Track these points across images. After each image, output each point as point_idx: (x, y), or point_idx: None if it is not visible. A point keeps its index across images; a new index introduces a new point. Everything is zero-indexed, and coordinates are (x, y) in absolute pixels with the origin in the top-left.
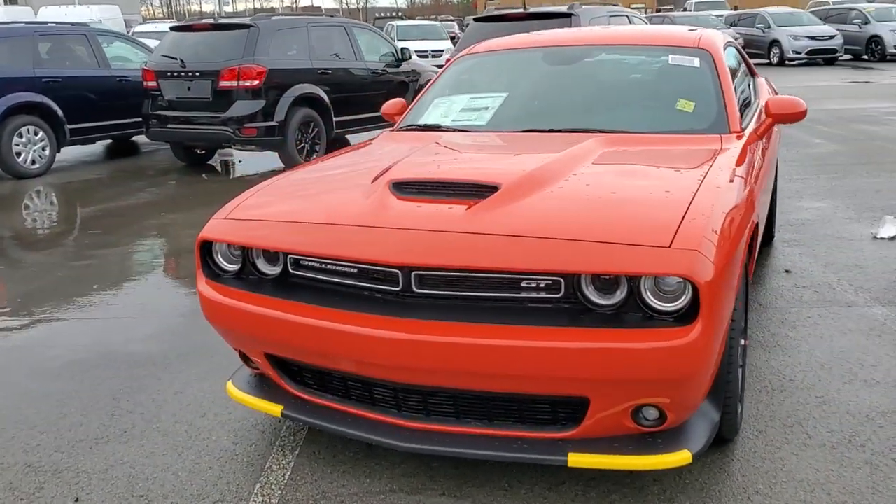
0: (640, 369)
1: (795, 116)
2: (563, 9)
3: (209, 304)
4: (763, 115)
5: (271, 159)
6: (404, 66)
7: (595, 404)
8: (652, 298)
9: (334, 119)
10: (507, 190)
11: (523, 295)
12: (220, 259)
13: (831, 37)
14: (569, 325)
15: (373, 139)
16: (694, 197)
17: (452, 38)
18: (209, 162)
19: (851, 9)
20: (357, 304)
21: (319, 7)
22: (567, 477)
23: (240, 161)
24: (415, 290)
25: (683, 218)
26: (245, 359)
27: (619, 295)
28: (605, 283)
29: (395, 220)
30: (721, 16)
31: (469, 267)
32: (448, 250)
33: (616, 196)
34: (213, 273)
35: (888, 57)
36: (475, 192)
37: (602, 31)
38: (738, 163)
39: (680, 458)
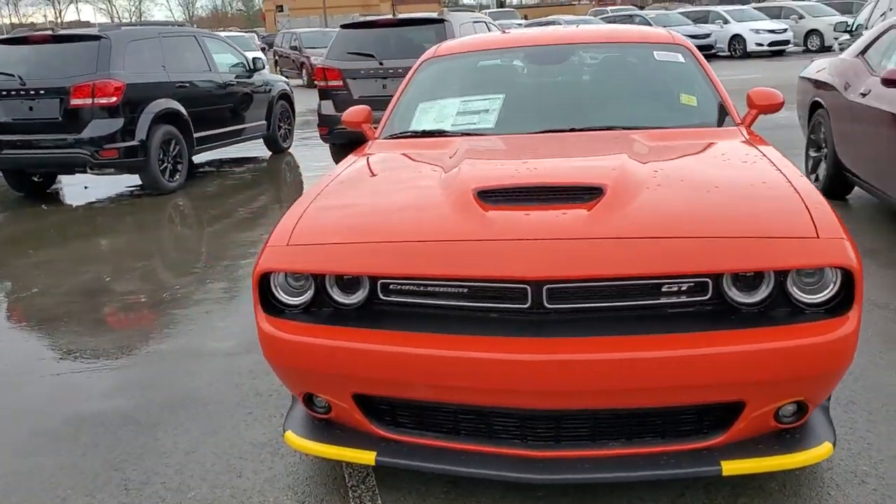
0: (802, 366)
1: (775, 107)
2: (434, 15)
3: (280, 345)
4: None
5: (119, 183)
6: (256, 77)
7: (749, 407)
8: (798, 292)
9: (194, 135)
10: (615, 191)
11: (663, 301)
12: (280, 292)
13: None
14: (721, 328)
15: (365, 149)
16: (794, 186)
17: (263, 50)
18: (50, 189)
19: (710, 11)
20: (477, 327)
21: (88, 21)
22: (685, 487)
23: (86, 187)
24: (546, 305)
25: (808, 208)
26: (310, 403)
27: (764, 291)
28: (748, 280)
29: (510, 230)
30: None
31: (607, 275)
32: (584, 259)
33: (722, 190)
34: (275, 309)
35: (751, 54)
36: (577, 195)
37: (580, 29)
38: (774, 151)
39: (825, 450)
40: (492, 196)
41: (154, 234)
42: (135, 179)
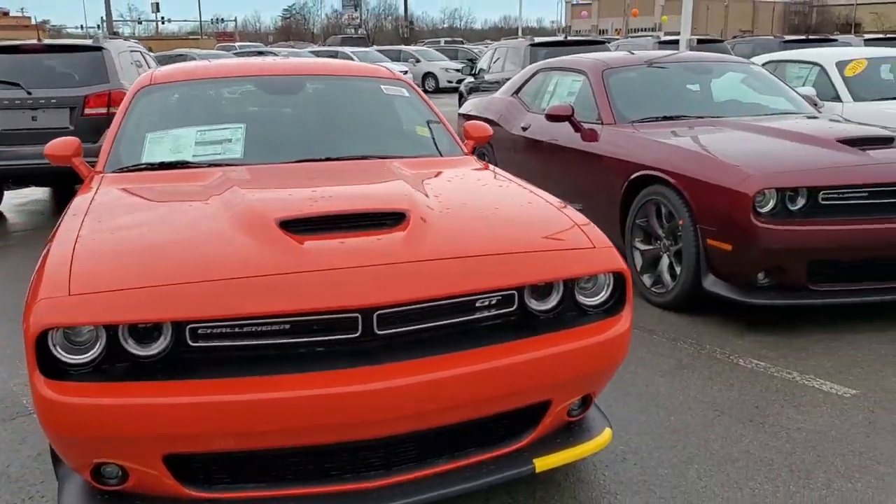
0: (593, 361)
1: (487, 138)
2: (89, 42)
3: (67, 411)
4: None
5: None
6: None
7: (554, 405)
8: (582, 297)
9: None
10: (416, 215)
11: (477, 315)
12: (60, 351)
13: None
14: (530, 336)
15: (93, 185)
16: (554, 205)
17: None
18: None
19: (401, 50)
20: (303, 363)
21: None
22: (489, 491)
23: None
24: (377, 332)
25: (576, 223)
26: (97, 475)
27: (555, 299)
28: (542, 290)
29: (333, 259)
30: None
31: (435, 296)
32: (413, 281)
33: (504, 211)
34: (56, 370)
35: (443, 89)
36: (381, 221)
37: (307, 61)
38: (510, 176)
39: (608, 434)
40: (296, 226)
41: None
42: None
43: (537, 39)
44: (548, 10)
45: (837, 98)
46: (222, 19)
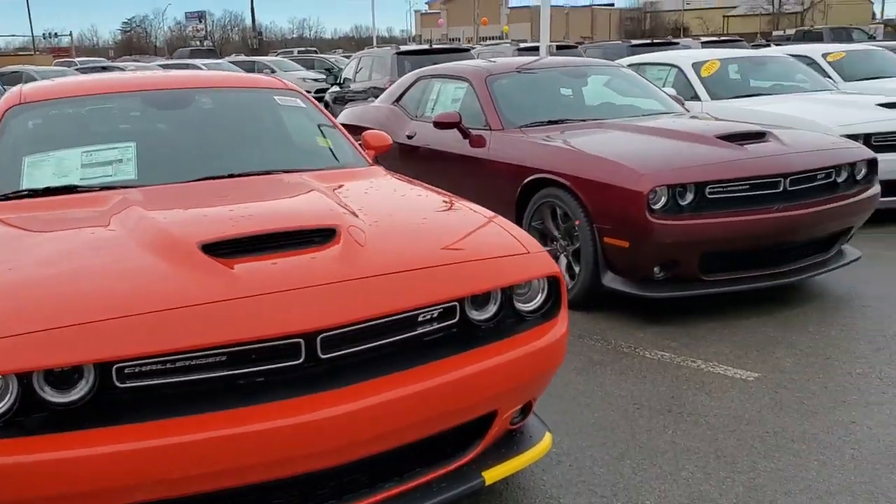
0: (534, 367)
1: (387, 148)
2: None
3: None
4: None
5: None
6: None
7: (500, 414)
8: (519, 303)
9: None
10: (347, 231)
11: (419, 331)
12: None
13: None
14: (475, 347)
15: None
16: (480, 213)
17: None
18: None
19: (255, 61)
20: (247, 395)
21: None
22: None
23: None
24: (321, 356)
25: (506, 230)
26: None
27: (494, 307)
28: (480, 299)
29: (270, 283)
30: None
31: (381, 313)
32: (357, 301)
33: (433, 222)
34: None
35: None
36: (310, 239)
37: (191, 74)
38: (423, 184)
39: (549, 439)
40: (220, 249)
41: None
42: None
43: (403, 48)
44: (397, 19)
45: (696, 97)
46: (55, 34)
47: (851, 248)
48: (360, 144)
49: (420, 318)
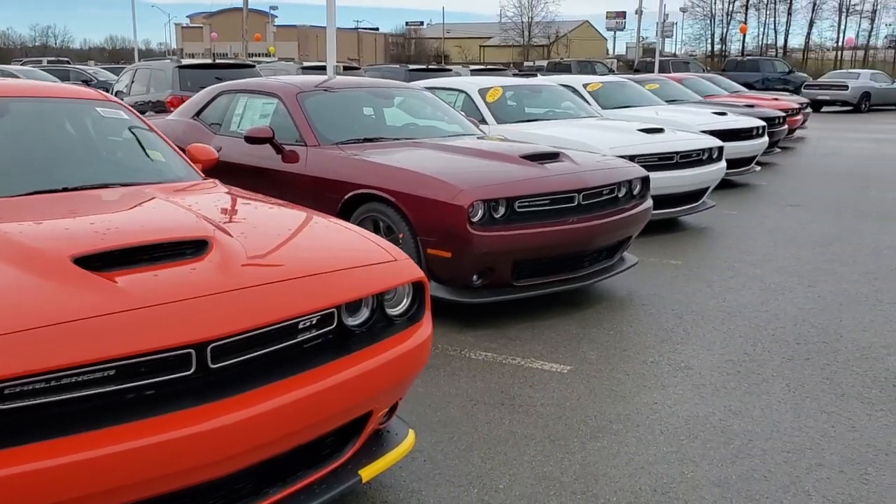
0: (410, 368)
1: (213, 162)
2: None
3: None
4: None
5: None
6: None
7: (374, 415)
8: (389, 308)
9: None
10: (219, 242)
11: (300, 338)
12: None
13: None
14: (352, 352)
15: None
16: (338, 224)
17: None
18: None
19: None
20: (138, 410)
21: None
22: None
23: None
24: (211, 366)
25: (371, 239)
26: None
27: (366, 313)
28: (353, 305)
29: (154, 295)
30: None
31: (266, 322)
32: (242, 310)
33: (301, 233)
34: None
35: None
36: (182, 250)
37: (12, 82)
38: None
39: (413, 435)
40: (93, 262)
41: None
42: None
43: (184, 62)
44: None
45: (484, 121)
46: None
47: (629, 254)
48: None
49: (300, 326)
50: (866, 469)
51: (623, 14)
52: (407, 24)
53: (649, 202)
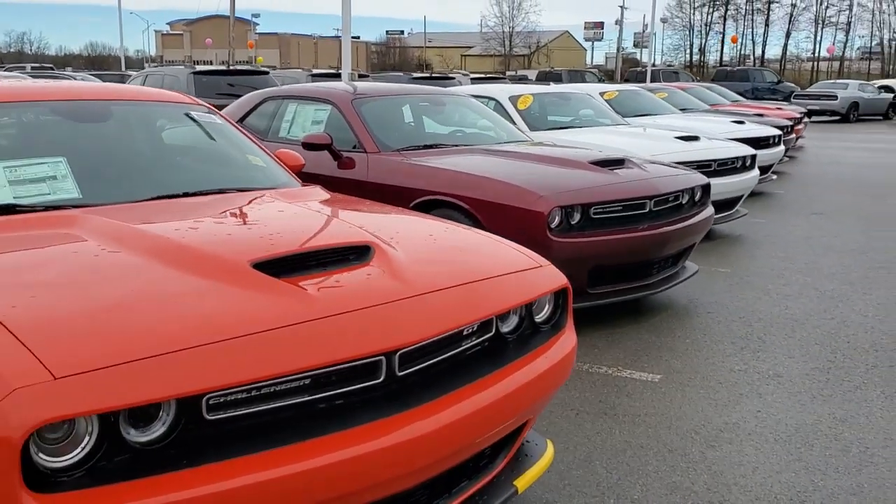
0: (560, 378)
1: (300, 167)
2: None
3: None
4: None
5: None
6: None
7: (528, 425)
8: (536, 315)
9: None
10: (380, 248)
11: (464, 345)
12: (40, 455)
13: None
14: (513, 359)
15: None
16: (474, 230)
17: None
18: None
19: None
20: (329, 422)
21: None
22: None
23: None
24: (398, 374)
25: (512, 246)
26: None
27: (514, 320)
28: (507, 313)
29: (336, 303)
30: None
31: (447, 329)
32: (424, 318)
33: (444, 239)
34: (38, 482)
35: None
36: (346, 256)
37: (96, 84)
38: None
39: (552, 447)
40: (271, 268)
41: None
42: None
43: (199, 68)
44: (131, 39)
45: (516, 128)
46: None
47: (690, 262)
48: None
49: (465, 333)
50: None
51: (601, 24)
52: (388, 32)
53: (711, 209)
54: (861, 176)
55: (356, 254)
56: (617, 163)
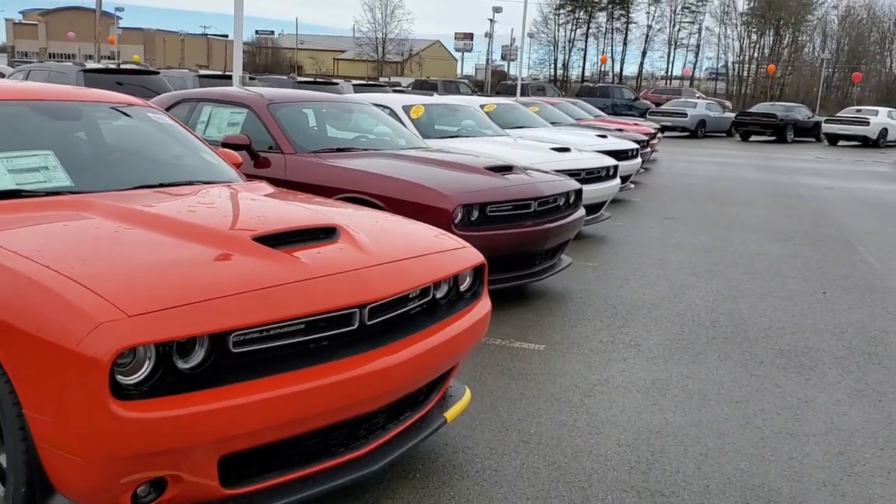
0: (479, 334)
1: (237, 166)
2: None
3: (143, 428)
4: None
5: None
6: None
7: (454, 369)
8: (461, 285)
9: None
10: (344, 228)
11: (409, 306)
12: (116, 375)
13: None
14: (445, 317)
15: None
16: (405, 219)
17: None
18: None
19: None
20: (320, 356)
21: None
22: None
23: None
24: (367, 323)
25: (430, 228)
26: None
27: (445, 288)
28: (438, 282)
29: (327, 267)
30: None
31: (404, 290)
32: (386, 281)
33: (387, 223)
34: (118, 392)
35: None
36: (317, 235)
37: (65, 87)
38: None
39: (469, 391)
40: (268, 241)
41: None
42: None
43: (88, 65)
44: None
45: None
46: None
47: (565, 256)
48: None
49: (410, 297)
50: (794, 412)
51: (471, 35)
52: (257, 32)
53: (583, 211)
54: (709, 186)
55: (325, 233)
56: (506, 168)
